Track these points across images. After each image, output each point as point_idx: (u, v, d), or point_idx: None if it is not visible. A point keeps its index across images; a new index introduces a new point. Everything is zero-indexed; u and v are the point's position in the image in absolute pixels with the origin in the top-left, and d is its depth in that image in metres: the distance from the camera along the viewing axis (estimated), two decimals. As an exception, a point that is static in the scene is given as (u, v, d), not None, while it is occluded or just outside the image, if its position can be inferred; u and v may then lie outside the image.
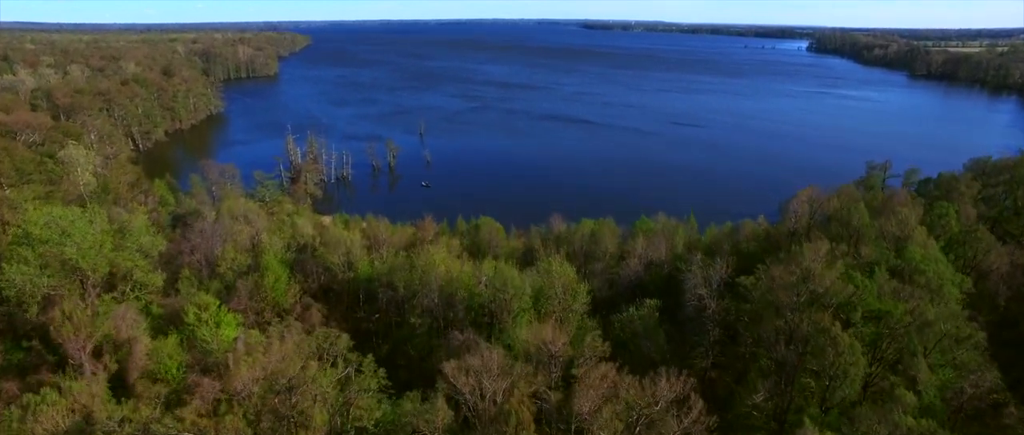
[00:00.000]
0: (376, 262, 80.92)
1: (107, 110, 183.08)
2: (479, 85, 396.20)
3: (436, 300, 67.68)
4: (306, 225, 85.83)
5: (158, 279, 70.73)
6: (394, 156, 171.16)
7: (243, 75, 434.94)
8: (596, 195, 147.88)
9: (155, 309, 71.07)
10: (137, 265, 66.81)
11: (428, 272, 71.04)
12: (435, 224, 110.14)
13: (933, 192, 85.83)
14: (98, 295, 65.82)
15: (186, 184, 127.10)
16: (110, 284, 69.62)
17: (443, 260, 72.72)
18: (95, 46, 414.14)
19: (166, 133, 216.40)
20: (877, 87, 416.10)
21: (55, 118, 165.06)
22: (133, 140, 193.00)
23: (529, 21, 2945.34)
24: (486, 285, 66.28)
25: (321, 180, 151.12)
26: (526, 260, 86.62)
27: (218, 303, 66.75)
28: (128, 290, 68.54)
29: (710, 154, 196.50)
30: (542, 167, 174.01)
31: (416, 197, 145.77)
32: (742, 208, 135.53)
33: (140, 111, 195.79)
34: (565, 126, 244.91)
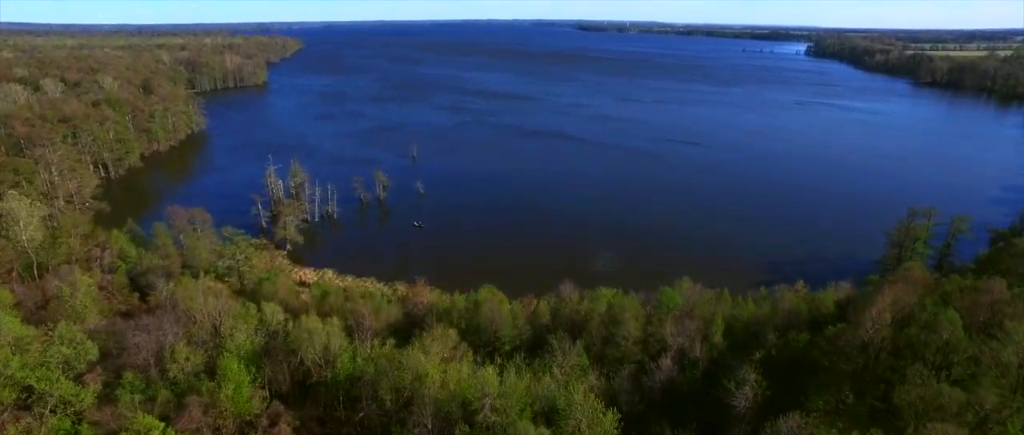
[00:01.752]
0: (359, 356, 68.05)
1: (73, 136, 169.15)
2: (471, 96, 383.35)
3: (429, 426, 55.00)
4: (277, 311, 72.64)
5: (88, 394, 57.73)
6: (384, 188, 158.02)
7: (230, 85, 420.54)
8: (600, 229, 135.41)
9: (85, 430, 58.08)
10: (56, 386, 53.79)
11: (420, 381, 58.60)
12: (428, 288, 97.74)
13: (1010, 263, 73.83)
14: (3, 426, 52.85)
15: (153, 225, 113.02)
16: (25, 401, 56.67)
17: (437, 367, 60.09)
18: (75, 56, 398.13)
19: (142, 156, 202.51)
20: (883, 97, 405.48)
21: (15, 149, 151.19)
22: (104, 167, 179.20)
23: (524, 22, 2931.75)
24: (491, 409, 53.67)
25: (304, 219, 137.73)
26: (535, 351, 74.04)
27: (162, 427, 54.36)
28: (48, 411, 55.50)
29: (717, 179, 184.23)
30: (541, 198, 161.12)
31: (408, 239, 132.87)
32: (767, 252, 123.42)
33: (111, 135, 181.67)
34: (563, 146, 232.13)
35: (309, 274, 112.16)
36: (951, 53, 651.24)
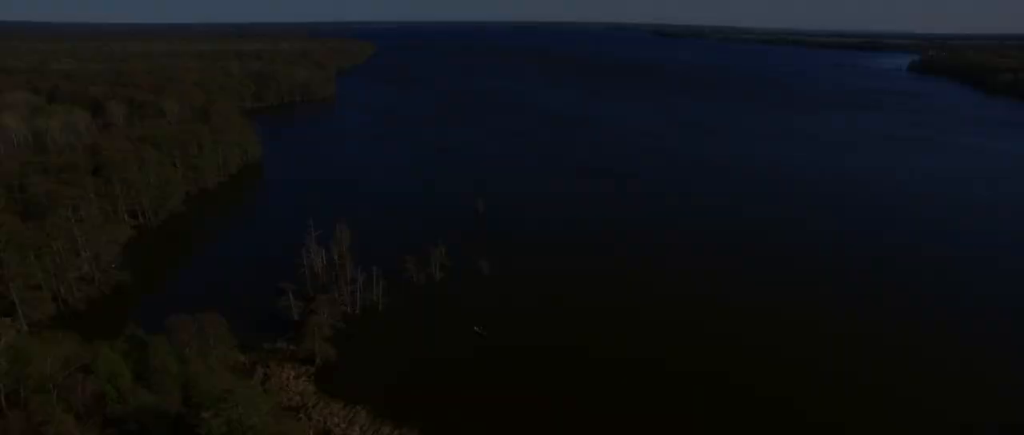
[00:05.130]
0: None
1: (107, 182, 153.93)
2: (537, 120, 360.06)
3: None
4: None
5: None
6: (442, 266, 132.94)
7: (297, 99, 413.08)
8: (696, 356, 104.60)
9: None
10: None
11: None
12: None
13: None
14: None
15: (153, 342, 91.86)
16: None
17: None
18: (150, 70, 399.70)
19: (188, 195, 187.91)
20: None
21: (38, 208, 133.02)
22: (141, 214, 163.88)
23: (598, 25, 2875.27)
24: None
25: (343, 313, 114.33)
26: None
27: None
28: None
29: (831, 267, 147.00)
30: (621, 295, 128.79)
31: (467, 351, 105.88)
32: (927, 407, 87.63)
33: (152, 179, 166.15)
34: (643, 202, 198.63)
35: (337, 413, 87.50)
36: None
